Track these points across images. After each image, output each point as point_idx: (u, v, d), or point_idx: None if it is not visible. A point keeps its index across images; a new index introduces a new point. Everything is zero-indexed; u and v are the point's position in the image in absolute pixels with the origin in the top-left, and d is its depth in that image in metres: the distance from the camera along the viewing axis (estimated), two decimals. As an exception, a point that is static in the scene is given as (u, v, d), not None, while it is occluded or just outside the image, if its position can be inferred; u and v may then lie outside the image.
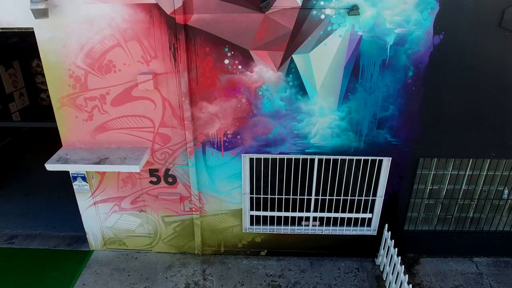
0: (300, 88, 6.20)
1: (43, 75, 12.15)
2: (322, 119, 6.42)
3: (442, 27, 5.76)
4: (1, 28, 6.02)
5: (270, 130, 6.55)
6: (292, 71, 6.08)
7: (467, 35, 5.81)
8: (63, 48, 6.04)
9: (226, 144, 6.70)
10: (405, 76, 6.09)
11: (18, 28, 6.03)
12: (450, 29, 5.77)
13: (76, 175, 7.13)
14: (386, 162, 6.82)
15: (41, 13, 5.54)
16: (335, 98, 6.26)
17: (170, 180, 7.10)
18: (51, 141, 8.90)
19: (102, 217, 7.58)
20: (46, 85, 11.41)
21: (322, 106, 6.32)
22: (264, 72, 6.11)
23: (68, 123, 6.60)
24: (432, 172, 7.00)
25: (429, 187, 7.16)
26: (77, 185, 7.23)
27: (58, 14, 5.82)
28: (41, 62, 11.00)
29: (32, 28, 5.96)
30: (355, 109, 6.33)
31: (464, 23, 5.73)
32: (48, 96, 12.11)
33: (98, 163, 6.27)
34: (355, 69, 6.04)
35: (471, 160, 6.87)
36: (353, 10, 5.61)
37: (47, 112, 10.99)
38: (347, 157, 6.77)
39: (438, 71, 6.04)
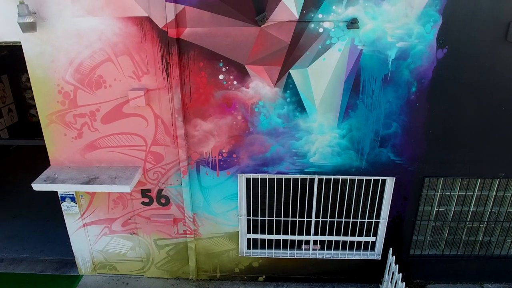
0: (298, 105, 6.14)
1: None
2: (321, 137, 6.34)
3: (445, 41, 5.72)
4: (-12, 42, 6.03)
5: (267, 149, 6.46)
6: (290, 87, 6.03)
7: (472, 49, 5.76)
8: (52, 63, 6.01)
9: (221, 163, 6.61)
10: (408, 91, 6.02)
11: (5, 42, 6.02)
12: (454, 43, 5.73)
13: (64, 195, 7.03)
14: (390, 182, 6.70)
15: (28, 27, 5.52)
16: (335, 115, 6.19)
17: (163, 201, 6.98)
18: (41, 160, 8.83)
19: (92, 240, 7.44)
20: (36, 101, 11.52)
21: (321, 123, 6.24)
22: (260, 88, 6.05)
23: (57, 141, 6.53)
24: (439, 193, 6.87)
25: (435, 209, 7.02)
26: (65, 206, 7.12)
27: (47, 28, 5.81)
28: (30, 77, 11.11)
29: (20, 42, 5.94)
30: (356, 126, 6.25)
31: (468, 36, 5.69)
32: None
33: (88, 183, 6.18)
34: (355, 85, 5.98)
35: (479, 180, 6.75)
36: (352, 23, 5.58)
37: (37, 129, 10.99)
38: (349, 177, 6.66)
39: (442, 86, 5.97)
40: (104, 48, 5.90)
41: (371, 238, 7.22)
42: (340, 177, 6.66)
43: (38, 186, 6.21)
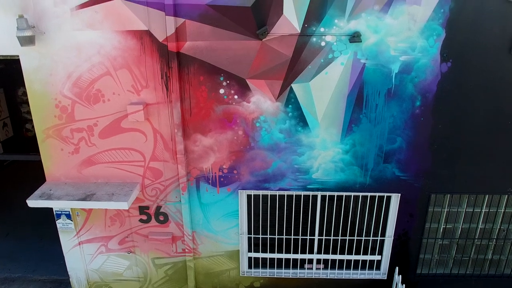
0: (301, 119, 6.22)
1: (28, 104, 12.28)
2: (324, 153, 6.40)
3: (449, 54, 5.82)
4: (-15, 56, 6.14)
5: (268, 165, 6.52)
6: (292, 101, 6.12)
7: (476, 63, 5.85)
8: (50, 77, 6.12)
9: (222, 179, 6.66)
10: (412, 106, 6.11)
11: (2, 56, 6.14)
12: (458, 56, 5.83)
13: (60, 212, 7.06)
14: (395, 198, 6.73)
15: (27, 41, 5.64)
16: (338, 130, 6.26)
17: (161, 218, 7.01)
18: (36, 175, 8.88)
19: (87, 259, 7.44)
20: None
21: (324, 138, 6.31)
22: (261, 102, 6.14)
23: (53, 156, 6.59)
24: (445, 210, 6.90)
25: (442, 226, 7.03)
26: (60, 223, 7.14)
27: (45, 41, 5.93)
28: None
29: (18, 56, 6.06)
30: (359, 141, 6.32)
31: (472, 50, 5.79)
32: (34, 127, 12.21)
33: (84, 199, 6.22)
34: (358, 99, 6.07)
35: (487, 196, 6.78)
36: (355, 37, 5.69)
37: (32, 144, 11.05)
38: (353, 194, 6.70)
39: (447, 100, 6.05)
40: (103, 61, 6.01)
41: (376, 257, 7.22)
42: (344, 194, 6.70)
43: (33, 202, 6.25)
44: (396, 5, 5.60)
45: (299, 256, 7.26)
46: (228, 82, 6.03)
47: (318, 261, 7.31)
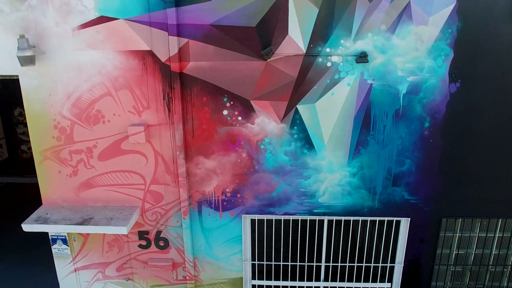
0: (306, 141, 6.28)
1: (25, 125, 12.36)
2: (331, 176, 6.44)
3: (458, 74, 5.92)
4: (-17, 77, 6.25)
5: (273, 188, 6.56)
6: (297, 123, 6.19)
7: (485, 83, 5.95)
8: (49, 97, 6.22)
9: (225, 203, 6.68)
10: (421, 127, 6.18)
11: (2, 76, 6.25)
12: (467, 76, 5.92)
13: (56, 237, 7.06)
14: (405, 223, 6.73)
15: (27, 61, 5.75)
16: (345, 152, 6.32)
17: (161, 244, 7.00)
18: (31, 198, 8.90)
19: (83, 286, 7.39)
20: (28, 136, 11.66)
21: (330, 161, 6.36)
22: (266, 123, 6.22)
23: (50, 178, 6.64)
24: (457, 235, 6.89)
25: (454, 252, 7.01)
26: (56, 248, 7.13)
27: (46, 61, 6.05)
28: (23, 110, 11.28)
29: (17, 76, 6.17)
30: (367, 164, 6.37)
31: (481, 70, 5.89)
32: (30, 148, 12.20)
33: (82, 223, 6.23)
34: (365, 120, 6.15)
35: (500, 220, 6.78)
36: (361, 57, 5.81)
37: (28, 166, 11.08)
38: (360, 218, 6.71)
39: (457, 121, 6.12)
40: (104, 82, 6.11)
41: (386, 284, 7.17)
42: (352, 218, 6.71)
43: (28, 226, 6.26)
44: (402, 25, 5.73)
45: (305, 283, 7.21)
46: (232, 103, 6.12)
47: (325, 289, 7.27)
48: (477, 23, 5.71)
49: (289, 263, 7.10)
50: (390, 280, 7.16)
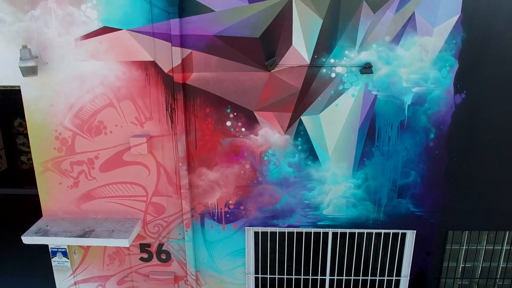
0: (310, 153, 6.30)
1: (25, 136, 12.40)
2: (335, 187, 6.45)
3: (463, 85, 5.96)
4: (-15, 87, 6.29)
5: (277, 200, 6.56)
6: (301, 134, 6.22)
7: (490, 94, 5.99)
8: (51, 108, 6.26)
9: (228, 215, 6.69)
10: (426, 138, 6.20)
11: (3, 86, 6.30)
12: (472, 87, 5.96)
13: (56, 249, 7.05)
14: (410, 235, 6.73)
15: (30, 71, 5.80)
16: (349, 164, 6.34)
17: (163, 256, 6.99)
18: (30, 210, 8.89)
19: (83, 300, 7.39)
20: (28, 147, 11.69)
21: (335, 172, 6.38)
22: (270, 135, 6.25)
23: (51, 190, 6.65)
24: (464, 247, 6.87)
25: (461, 265, 6.99)
26: (56, 261, 7.12)
27: (48, 72, 6.10)
28: (23, 121, 11.32)
29: (19, 86, 6.22)
30: (372, 175, 6.38)
31: (486, 81, 5.93)
32: (29, 159, 12.24)
33: (82, 236, 6.23)
34: (370, 132, 6.17)
35: (507, 232, 6.77)
36: (366, 68, 5.85)
37: (27, 177, 11.07)
38: (365, 230, 6.70)
39: (462, 132, 6.15)
40: (106, 92, 6.15)
41: (391, 299, 7.15)
42: (356, 231, 6.71)
43: (28, 239, 6.25)
44: (407, 36, 5.78)
45: (309, 297, 7.20)
46: (235, 114, 6.15)
47: (329, 303, 7.24)
48: (482, 34, 5.77)
49: (293, 277, 7.08)
50: (396, 293, 7.15)
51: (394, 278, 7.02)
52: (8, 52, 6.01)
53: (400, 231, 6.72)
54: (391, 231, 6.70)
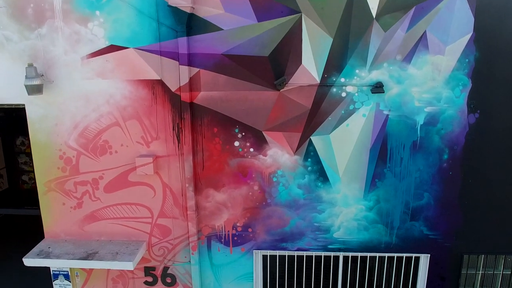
0: (320, 174, 6.30)
1: (27, 155, 12.48)
2: (346, 210, 6.43)
3: (477, 105, 5.97)
4: (-10, 105, 6.35)
5: (286, 223, 6.54)
6: (311, 155, 6.23)
7: (505, 113, 6.01)
8: (55, 127, 6.31)
9: (235, 238, 6.66)
10: (439, 159, 6.19)
11: (8, 105, 6.37)
12: (486, 106, 5.99)
13: (57, 272, 7.02)
14: (424, 259, 6.67)
15: (35, 90, 5.88)
16: (360, 185, 6.33)
17: (168, 280, 6.95)
18: (31, 231, 8.88)
19: (84, 325, 7.33)
20: (30, 166, 11.75)
21: (346, 194, 6.37)
22: (279, 155, 6.26)
23: (54, 210, 6.66)
24: (480, 272, 6.80)
25: (477, 291, 6.93)
26: (58, 284, 7.09)
27: (53, 90, 6.18)
28: (26, 139, 11.38)
29: (23, 105, 6.29)
30: (384, 197, 6.36)
31: (501, 100, 5.96)
32: (31, 179, 12.29)
33: (85, 258, 6.22)
34: (382, 152, 6.17)
35: (525, 257, 6.72)
36: (377, 87, 5.88)
37: (28, 197, 11.08)
38: (378, 254, 6.66)
39: (477, 153, 6.14)
40: (112, 111, 6.21)
41: (404, 326, 7.05)
42: (368, 254, 6.66)
43: (30, 261, 6.26)
44: (419, 55, 5.83)
45: (318, 324, 7.11)
46: (243, 134, 6.18)
47: (340, 329, 7.15)
48: (495, 53, 5.82)
49: (302, 302, 7.02)
50: (409, 320, 7.05)
51: (407, 304, 6.95)
52: (13, 70, 6.10)
53: (414, 255, 6.67)
54: (404, 255, 6.65)
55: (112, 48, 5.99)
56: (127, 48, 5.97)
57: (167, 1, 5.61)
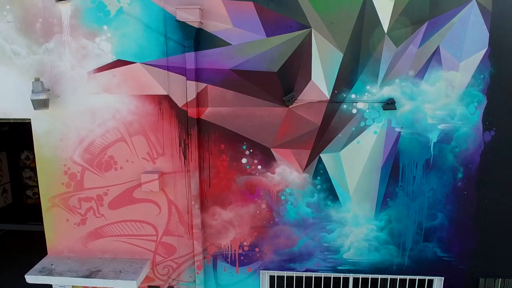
0: (330, 193, 6.27)
1: (31, 169, 12.58)
2: (356, 230, 6.38)
3: (492, 122, 5.93)
4: (-3, 119, 6.42)
5: (294, 242, 6.50)
6: (320, 173, 6.21)
7: (523, 131, 5.96)
8: (60, 141, 6.38)
9: (242, 258, 6.63)
10: (453, 178, 6.13)
11: (14, 119, 6.45)
12: (502, 124, 5.94)
13: (60, 290, 7.04)
14: (438, 282, 6.57)
15: (41, 104, 5.96)
16: (371, 205, 6.28)
17: (172, 300, 6.93)
18: (34, 248, 8.91)
19: None
20: (34, 181, 11.83)
21: (356, 213, 6.32)
22: (287, 173, 6.24)
23: (57, 227, 6.70)
24: (497, 297, 6.71)
25: (494, 316, 6.79)
26: (60, 302, 7.10)
27: (59, 105, 6.26)
28: (31, 154, 11.47)
29: (29, 119, 6.36)
30: (396, 217, 6.30)
31: (518, 118, 5.92)
32: (35, 194, 12.37)
33: (88, 276, 6.24)
34: (394, 171, 6.13)
35: (544, 281, 6.59)
36: (388, 104, 5.86)
37: (32, 213, 11.15)
38: (389, 276, 6.58)
39: (492, 172, 6.08)
40: (118, 127, 6.26)
41: None
42: (379, 276, 6.59)
43: (32, 278, 6.29)
44: (432, 70, 5.82)
45: None
46: (251, 151, 6.18)
47: None
48: (511, 68, 5.76)
49: (311, 325, 6.94)
50: None
51: (420, 329, 6.84)
52: (20, 85, 6.21)
53: (427, 278, 6.58)
54: (417, 277, 6.57)
55: (119, 63, 6.07)
56: (134, 63, 6.05)
57: (175, 15, 5.68)
